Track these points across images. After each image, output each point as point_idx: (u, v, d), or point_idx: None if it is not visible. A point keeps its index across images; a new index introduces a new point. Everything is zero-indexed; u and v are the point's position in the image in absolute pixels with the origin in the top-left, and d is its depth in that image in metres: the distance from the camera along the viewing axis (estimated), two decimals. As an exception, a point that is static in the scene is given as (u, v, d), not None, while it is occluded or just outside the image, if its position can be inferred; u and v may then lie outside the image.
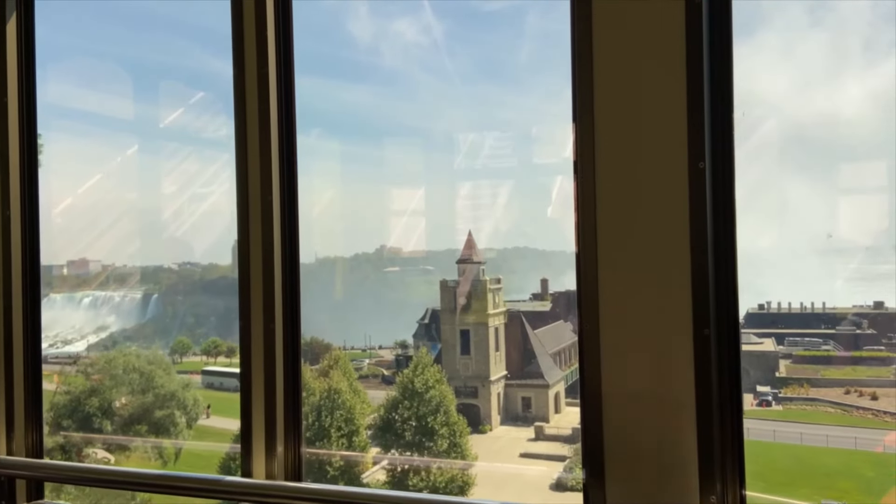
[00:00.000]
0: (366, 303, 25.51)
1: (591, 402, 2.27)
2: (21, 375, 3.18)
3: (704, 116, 2.11)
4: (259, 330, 2.82)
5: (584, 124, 2.29)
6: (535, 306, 21.51)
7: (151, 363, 19.55)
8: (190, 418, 18.89)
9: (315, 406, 17.29)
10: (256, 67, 2.80)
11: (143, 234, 25.44)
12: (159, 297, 25.39)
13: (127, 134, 25.63)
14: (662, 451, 2.18)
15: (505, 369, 19.44)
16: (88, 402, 18.29)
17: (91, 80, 24.07)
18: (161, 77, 27.14)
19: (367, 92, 27.32)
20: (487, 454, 17.96)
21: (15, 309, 3.16)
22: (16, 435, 3.16)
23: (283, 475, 2.74)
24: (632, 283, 2.22)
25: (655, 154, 2.18)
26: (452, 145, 25.09)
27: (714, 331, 2.12)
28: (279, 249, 2.83)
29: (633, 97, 2.22)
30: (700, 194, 2.12)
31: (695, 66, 2.11)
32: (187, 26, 25.84)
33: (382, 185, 26.16)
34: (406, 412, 17.60)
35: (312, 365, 18.91)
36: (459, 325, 19.17)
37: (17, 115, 3.25)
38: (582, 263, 2.29)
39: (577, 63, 2.30)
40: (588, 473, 2.29)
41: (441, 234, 24.62)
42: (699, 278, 2.12)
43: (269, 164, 2.80)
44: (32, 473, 3.06)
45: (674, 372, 2.16)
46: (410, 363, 18.68)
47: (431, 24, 24.06)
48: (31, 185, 3.25)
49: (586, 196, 2.28)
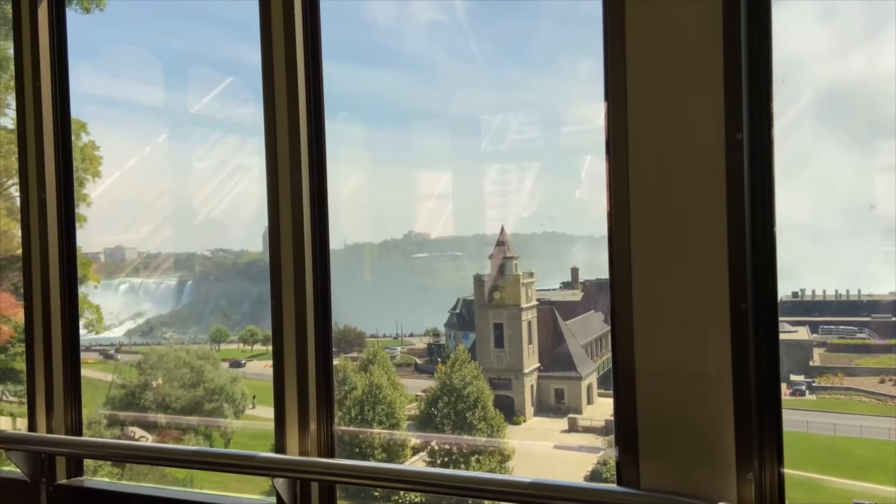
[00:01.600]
0: (395, 289, 25.61)
1: (625, 380, 2.24)
2: (60, 356, 3.24)
3: (742, 84, 2.05)
4: (291, 309, 2.83)
5: (616, 101, 2.24)
6: (565, 296, 21.50)
7: (201, 358, 20.14)
8: (237, 410, 19.48)
9: (358, 400, 17.71)
10: (284, 53, 2.80)
11: (175, 220, 25.81)
12: (194, 284, 25.81)
13: (157, 121, 25.95)
14: (698, 428, 2.14)
15: (538, 362, 19.67)
16: (143, 395, 18.99)
17: (122, 67, 24.38)
18: (189, 64, 27.40)
19: (392, 76, 27.26)
20: (522, 445, 18.16)
21: (53, 290, 3.22)
22: (55, 413, 3.23)
23: (315, 452, 2.76)
24: (666, 259, 2.18)
25: (691, 126, 2.13)
26: (478, 128, 24.92)
27: (751, 306, 2.07)
28: (309, 229, 2.84)
29: (667, 69, 2.17)
30: (737, 166, 2.06)
31: (732, 32, 2.05)
32: (213, 14, 26.04)
33: (408, 169, 26.14)
34: (445, 408, 17.95)
35: (346, 353, 19.20)
36: (493, 319, 19.48)
37: (50, 99, 3.29)
38: (614, 239, 2.25)
39: (609, 38, 2.25)
40: (621, 451, 2.27)
41: (468, 218, 24.54)
42: (736, 253, 2.07)
43: (297, 149, 2.81)
44: (72, 451, 3.13)
45: (710, 348, 2.12)
46: (448, 360, 18.94)
47: (455, 6, 23.85)
48: (66, 169, 3.30)
49: (618, 172, 2.24)
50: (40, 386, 3.23)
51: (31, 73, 3.25)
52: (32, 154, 3.25)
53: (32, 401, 3.24)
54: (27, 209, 3.25)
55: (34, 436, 3.19)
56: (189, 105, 24.86)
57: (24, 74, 3.29)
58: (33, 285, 3.22)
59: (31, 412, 3.26)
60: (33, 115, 3.25)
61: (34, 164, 3.24)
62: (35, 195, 3.23)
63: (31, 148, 3.25)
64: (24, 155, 3.27)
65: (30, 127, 3.26)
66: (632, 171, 2.21)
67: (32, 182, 3.24)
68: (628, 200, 2.22)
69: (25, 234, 3.25)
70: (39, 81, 3.23)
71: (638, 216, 2.21)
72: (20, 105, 3.30)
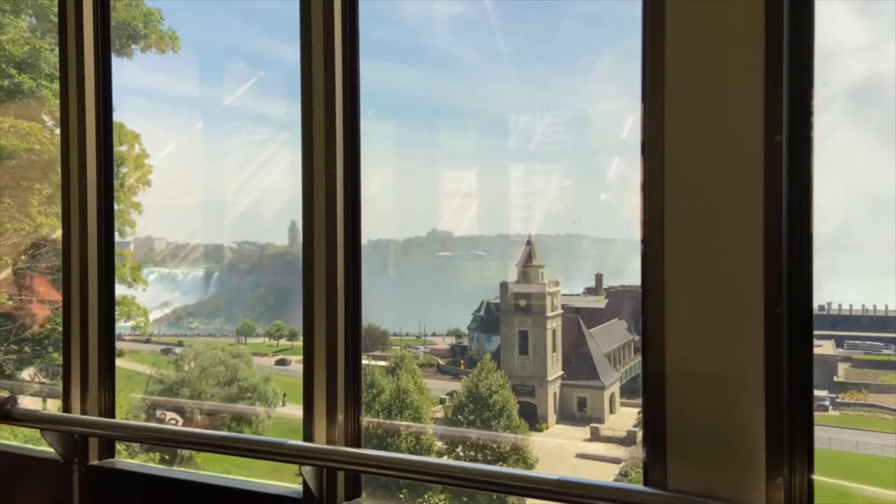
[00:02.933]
0: (418, 288, 25.66)
1: (654, 381, 2.24)
2: (95, 340, 3.32)
3: (784, 86, 2.04)
4: (322, 301, 2.87)
5: (653, 102, 2.24)
6: (589, 302, 21.48)
7: (235, 357, 20.59)
8: (269, 409, 19.92)
9: (386, 405, 17.94)
10: (323, 50, 2.83)
11: (204, 212, 26.11)
12: (220, 275, 26.13)
13: (190, 112, 26.27)
14: (727, 431, 2.13)
15: (561, 369, 19.78)
16: (181, 392, 19.52)
17: (159, 60, 24.74)
18: (224, 57, 27.69)
19: (420, 73, 27.30)
20: (545, 452, 18.23)
21: (91, 275, 3.29)
22: (89, 396, 3.31)
23: (342, 441, 2.80)
24: (700, 260, 2.17)
25: (730, 128, 2.12)
26: (506, 126, 24.83)
27: (786, 310, 2.06)
28: (342, 223, 2.88)
29: (706, 70, 2.16)
30: (776, 169, 2.05)
31: (774, 32, 2.04)
32: (246, 8, 26.29)
33: (435, 166, 26.16)
34: (471, 415, 18.11)
35: (370, 352, 19.41)
36: (518, 326, 19.67)
37: (93, 88, 3.36)
38: (647, 240, 2.25)
39: (649, 39, 2.25)
40: (649, 451, 2.26)
41: (493, 217, 24.49)
42: (772, 256, 2.06)
43: (333, 144, 2.84)
44: (105, 432, 3.20)
45: (742, 351, 2.11)
46: (474, 366, 19.07)
47: (484, 4, 23.80)
48: (107, 156, 3.37)
49: (654, 173, 2.23)
50: (76, 369, 3.30)
51: (76, 63, 3.32)
52: (75, 142, 3.32)
53: (68, 383, 3.32)
54: (68, 195, 3.33)
55: (69, 416, 3.27)
56: (222, 98, 25.10)
57: (68, 64, 3.36)
58: (72, 270, 3.29)
59: (65, 394, 3.34)
60: (76, 105, 3.32)
61: (76, 152, 3.32)
62: (76, 181, 3.30)
63: (74, 136, 3.33)
64: (67, 142, 3.34)
65: (73, 116, 3.34)
66: (667, 173, 2.21)
67: (74, 169, 3.31)
68: (663, 201, 2.21)
69: (66, 220, 3.32)
70: (84, 71, 3.31)
71: (672, 217, 2.20)
72: (64, 94, 3.37)
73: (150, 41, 14.38)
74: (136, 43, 14.11)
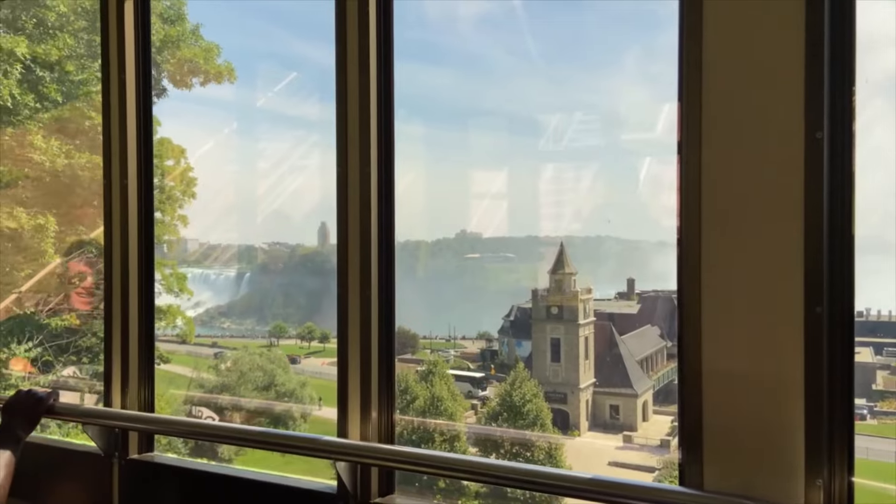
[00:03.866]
0: (446, 290, 25.66)
1: (691, 381, 2.22)
2: (136, 335, 3.39)
3: (824, 80, 2.01)
4: (356, 300, 2.90)
5: (690, 101, 2.22)
6: (621, 307, 21.33)
7: (272, 362, 20.98)
8: (305, 412, 20.25)
9: (420, 411, 18.05)
10: (358, 51, 2.86)
11: (236, 213, 26.46)
12: (252, 276, 26.48)
13: (224, 115, 26.66)
14: (765, 432, 2.11)
15: (594, 377, 19.68)
16: (220, 396, 19.96)
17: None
18: (257, 59, 28.02)
19: (450, 74, 27.37)
20: (576, 460, 18.15)
21: (132, 271, 3.37)
22: (130, 390, 3.38)
23: (376, 438, 2.83)
24: (738, 260, 2.15)
25: (769, 125, 2.10)
26: (535, 127, 24.76)
27: (827, 310, 2.03)
28: (376, 221, 2.91)
29: (745, 67, 2.14)
30: (817, 166, 2.03)
31: (815, 24, 2.01)
32: (278, 11, 26.59)
33: (464, 167, 26.20)
34: (504, 424, 18.11)
35: (400, 355, 19.53)
36: (550, 334, 19.63)
37: (134, 90, 3.44)
38: (684, 238, 2.24)
39: (685, 37, 2.24)
40: (685, 452, 2.25)
41: (522, 219, 24.42)
42: (813, 254, 2.03)
43: (367, 145, 2.87)
44: (145, 426, 3.27)
45: (781, 351, 2.09)
46: (508, 376, 19.06)
47: (513, 5, 23.76)
48: (147, 156, 3.45)
49: (690, 172, 2.22)
50: (117, 364, 3.38)
51: (118, 65, 3.41)
52: (116, 142, 3.40)
53: (109, 378, 3.40)
54: (109, 195, 3.41)
55: (110, 411, 3.34)
56: (255, 99, 25.47)
57: (110, 67, 3.44)
58: (113, 267, 3.37)
59: (106, 389, 3.42)
60: (118, 106, 3.40)
61: (117, 152, 3.40)
62: (118, 182, 3.38)
63: (115, 137, 3.41)
64: (109, 143, 3.43)
65: (114, 117, 3.42)
66: (704, 171, 2.19)
67: (115, 169, 3.39)
68: (699, 200, 2.20)
69: (107, 219, 3.40)
70: (125, 74, 3.39)
71: (709, 216, 2.19)
72: (106, 96, 3.46)
73: (210, 75, 15.15)
74: (196, 76, 14.90)
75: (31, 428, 2.62)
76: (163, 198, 15.69)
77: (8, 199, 13.68)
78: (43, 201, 13.99)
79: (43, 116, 13.70)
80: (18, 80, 13.11)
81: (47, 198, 14.06)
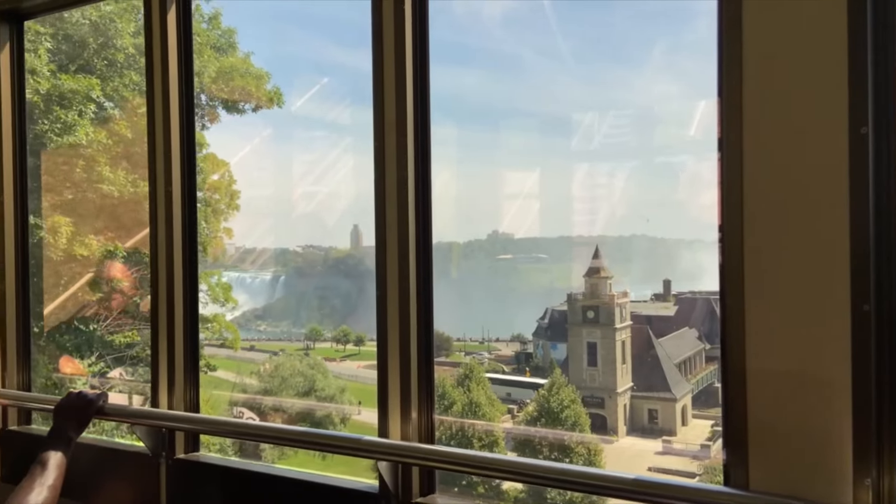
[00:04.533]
0: (479, 291, 25.62)
1: (735, 381, 2.20)
2: (181, 338, 3.47)
3: (868, 74, 1.98)
4: (395, 300, 2.93)
5: (730, 97, 2.21)
6: (657, 309, 21.07)
7: (312, 368, 21.32)
8: (345, 416, 20.55)
9: (458, 416, 18.16)
10: (394, 57, 2.90)
11: (271, 216, 26.78)
12: (287, 279, 26.79)
13: (258, 120, 27.02)
14: (812, 431, 2.09)
15: (631, 381, 19.51)
16: (263, 401, 20.40)
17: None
18: (290, 65, 28.33)
19: (481, 75, 27.36)
20: (615, 464, 18.01)
21: (176, 276, 3.45)
22: (176, 391, 3.46)
23: (416, 438, 2.85)
24: (781, 257, 2.13)
25: (811, 121, 2.08)
26: (568, 126, 24.61)
27: (874, 308, 2.00)
28: (413, 224, 2.94)
29: (786, 61, 2.12)
30: (862, 162, 2.00)
31: (857, 15, 1.99)
32: (310, 16, 26.88)
33: (496, 168, 26.14)
34: (543, 429, 18.10)
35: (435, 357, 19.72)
36: (587, 338, 19.50)
37: (177, 97, 3.52)
38: (726, 237, 2.22)
39: (724, 31, 2.22)
40: (729, 454, 2.23)
41: (554, 219, 24.28)
42: (859, 251, 2.00)
43: (405, 147, 2.91)
44: (191, 426, 3.35)
45: (827, 349, 2.06)
46: (544, 386, 19.01)
47: (543, 5, 23.66)
48: (190, 163, 3.53)
49: (732, 169, 2.20)
50: (163, 366, 3.47)
51: (161, 73, 3.49)
52: (161, 150, 3.49)
53: (156, 379, 3.48)
54: (155, 201, 3.49)
55: (158, 411, 3.43)
56: (290, 104, 25.76)
57: (154, 74, 3.53)
58: (159, 271, 3.46)
59: (154, 390, 3.50)
60: (162, 113, 3.49)
61: (162, 159, 3.48)
62: (162, 188, 3.47)
63: (160, 144, 3.49)
64: (154, 151, 3.51)
65: (158, 124, 3.51)
66: (746, 169, 2.18)
67: (160, 176, 3.48)
68: (742, 198, 2.18)
69: (153, 225, 3.49)
70: (168, 83, 3.47)
71: (752, 213, 2.17)
72: (150, 103, 3.55)
73: (262, 101, 16.03)
74: (248, 102, 15.80)
75: (82, 429, 2.69)
76: (208, 211, 16.26)
77: (81, 227, 14.38)
78: (112, 229, 14.71)
79: (113, 150, 14.49)
80: (91, 118, 13.88)
81: (116, 226, 14.77)
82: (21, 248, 4.06)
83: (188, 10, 3.59)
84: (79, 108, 13.62)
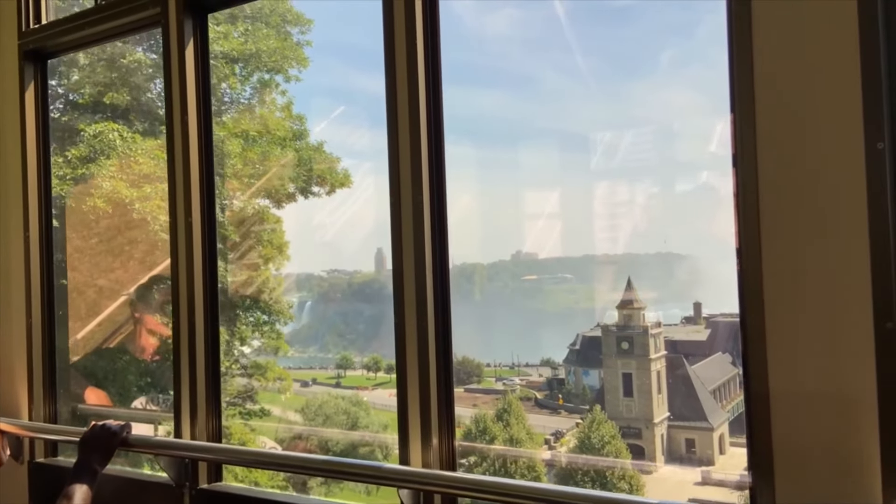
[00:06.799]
0: (505, 314, 25.44)
1: (758, 401, 2.17)
2: (203, 368, 3.49)
3: (882, 89, 1.96)
4: (413, 326, 2.93)
5: (743, 112, 2.19)
6: (688, 333, 20.85)
7: (355, 405, 21.55)
8: (387, 454, 20.74)
9: (500, 454, 18.18)
10: (407, 79, 2.92)
11: (295, 241, 26.98)
12: (313, 304, 26.86)
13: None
14: (839, 451, 2.03)
15: (667, 410, 19.45)
16: (309, 437, 20.64)
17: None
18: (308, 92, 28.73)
19: (498, 95, 27.44)
20: (655, 495, 17.82)
21: (197, 307, 3.48)
22: (198, 421, 3.48)
23: (437, 465, 2.83)
24: (800, 275, 2.10)
25: (827, 135, 2.05)
26: (587, 145, 24.56)
27: None
28: (430, 249, 2.94)
29: (798, 75, 2.10)
30: (879, 177, 1.97)
31: (869, 29, 1.96)
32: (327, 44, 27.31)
33: (516, 187, 26.09)
34: (585, 465, 18.14)
35: (465, 385, 19.58)
36: (622, 369, 19.51)
37: (196, 130, 3.58)
38: (744, 254, 2.19)
39: (734, 46, 2.21)
40: (755, 477, 2.19)
41: (578, 238, 24.14)
42: (880, 267, 1.96)
43: (419, 172, 2.92)
44: (214, 456, 3.35)
45: (851, 368, 2.02)
46: (586, 419, 18.99)
47: (560, 22, 23.76)
48: (209, 194, 3.58)
49: (747, 185, 2.18)
50: (185, 396, 3.49)
51: (180, 107, 3.56)
52: (181, 181, 3.55)
53: (178, 410, 3.50)
54: (175, 232, 3.55)
55: (180, 442, 3.44)
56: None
57: (173, 108, 3.60)
58: (180, 300, 3.49)
59: (176, 420, 3.52)
60: (181, 146, 3.55)
61: (182, 190, 3.54)
62: (183, 219, 3.52)
63: (180, 176, 3.55)
64: (174, 182, 3.57)
65: (178, 157, 3.57)
66: (762, 185, 2.15)
67: (180, 207, 3.53)
68: (758, 215, 2.16)
69: (174, 256, 3.54)
70: (187, 116, 3.54)
71: (769, 231, 2.14)
72: (170, 136, 3.61)
73: (335, 185, 17.07)
74: (322, 186, 16.55)
75: (107, 461, 2.72)
76: (262, 261, 16.94)
77: (119, 257, 14.80)
78: (151, 258, 15.22)
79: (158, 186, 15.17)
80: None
81: (156, 255, 15.27)
82: (46, 281, 4.14)
83: (206, 49, 3.66)
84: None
